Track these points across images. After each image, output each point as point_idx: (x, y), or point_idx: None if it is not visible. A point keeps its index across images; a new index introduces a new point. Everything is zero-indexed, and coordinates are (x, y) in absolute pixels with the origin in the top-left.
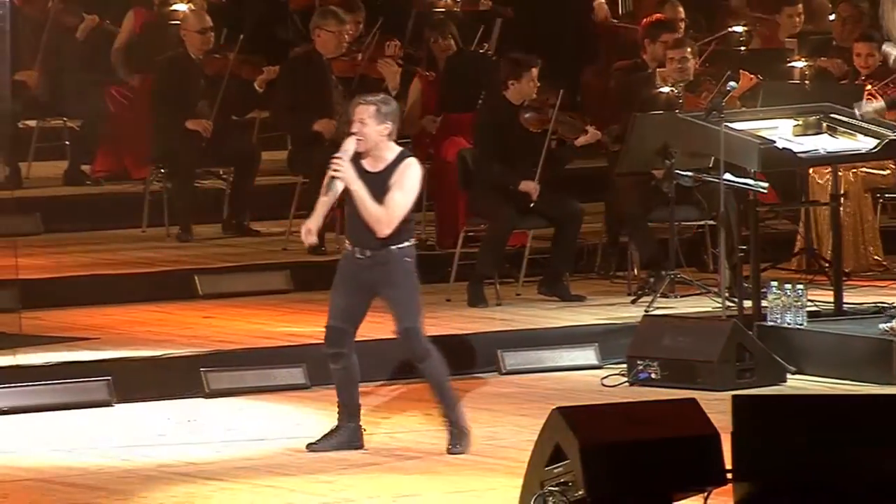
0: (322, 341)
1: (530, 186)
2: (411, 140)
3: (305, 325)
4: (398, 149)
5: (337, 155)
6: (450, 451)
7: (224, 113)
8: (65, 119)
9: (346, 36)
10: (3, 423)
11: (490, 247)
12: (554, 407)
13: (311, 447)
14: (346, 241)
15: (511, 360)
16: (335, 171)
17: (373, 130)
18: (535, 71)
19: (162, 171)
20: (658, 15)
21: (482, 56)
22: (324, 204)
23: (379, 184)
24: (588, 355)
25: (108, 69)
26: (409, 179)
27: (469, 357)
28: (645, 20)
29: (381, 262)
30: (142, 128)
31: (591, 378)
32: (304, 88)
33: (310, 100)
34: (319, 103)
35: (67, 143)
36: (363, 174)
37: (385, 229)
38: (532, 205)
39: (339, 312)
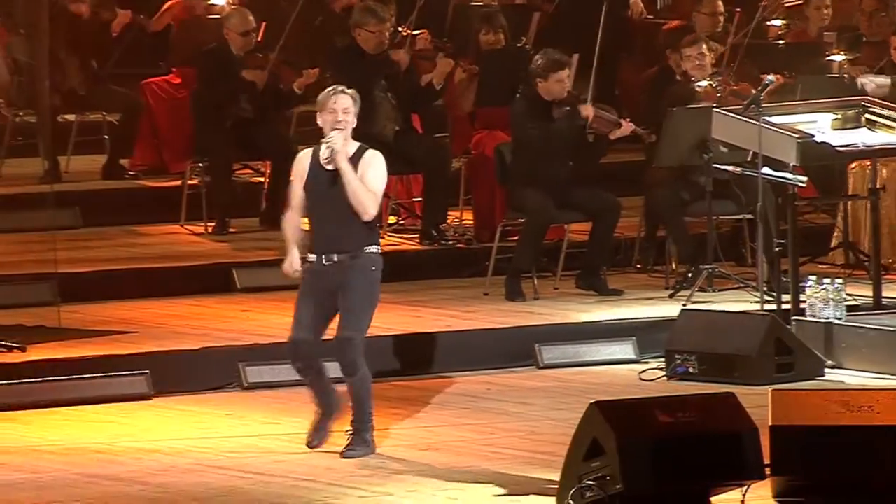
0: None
1: (588, 109)
2: (450, 134)
3: None
4: (356, 143)
5: (329, 135)
6: (344, 454)
7: (262, 108)
8: (103, 113)
9: (387, 34)
10: (42, 416)
11: (528, 241)
12: (591, 401)
13: (311, 445)
14: (311, 254)
15: (548, 355)
16: (333, 144)
17: (353, 120)
18: (563, 73)
19: (200, 165)
20: (676, 22)
21: (519, 50)
22: (294, 241)
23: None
24: (626, 349)
25: (144, 63)
26: (378, 167)
27: (506, 351)
28: (664, 27)
29: (347, 267)
30: (180, 122)
31: (628, 372)
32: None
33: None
34: (364, 100)
35: (106, 137)
36: (324, 171)
37: (372, 209)
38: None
39: (305, 326)
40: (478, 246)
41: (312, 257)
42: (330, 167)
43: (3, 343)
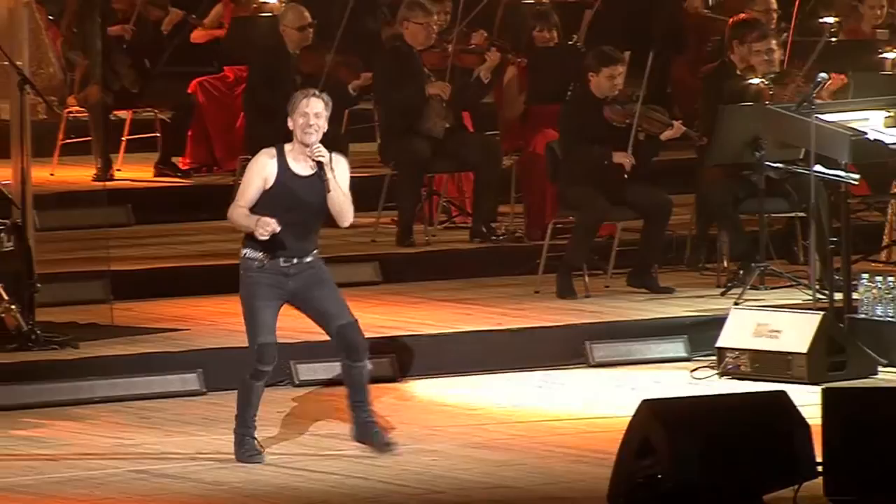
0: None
1: (624, 158)
2: (500, 132)
3: (394, 317)
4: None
5: (316, 146)
6: (387, 443)
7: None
8: (155, 111)
9: (435, 27)
10: (95, 413)
11: (579, 238)
12: (642, 399)
13: (244, 460)
14: (255, 252)
15: (599, 353)
16: (321, 154)
17: (324, 125)
18: (614, 68)
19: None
20: (743, 14)
21: (570, 48)
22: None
23: (317, 185)
24: (677, 347)
25: (197, 61)
26: (347, 172)
27: (557, 349)
28: (731, 20)
29: (308, 267)
30: (231, 120)
31: (680, 370)
32: (398, 81)
33: (403, 92)
34: (413, 95)
35: (158, 135)
36: (295, 177)
37: (351, 217)
38: (626, 175)
39: (268, 327)
40: (529, 244)
41: (261, 256)
42: (305, 174)
43: (56, 340)
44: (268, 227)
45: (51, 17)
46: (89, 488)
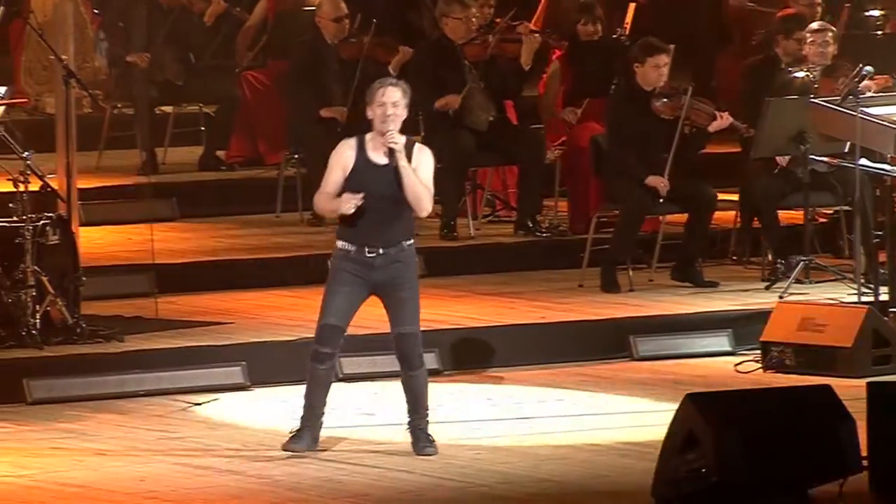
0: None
1: (658, 182)
2: (544, 125)
3: (438, 311)
4: (403, 137)
5: (390, 132)
6: (423, 451)
7: (358, 96)
8: (200, 105)
9: (474, 20)
10: (140, 406)
11: (623, 231)
12: (687, 393)
13: (285, 447)
14: (344, 243)
15: (644, 347)
16: (393, 141)
17: (403, 113)
18: (659, 58)
19: (296, 156)
20: (791, 9)
21: (615, 41)
22: (342, 210)
23: (394, 173)
24: (721, 341)
25: (239, 55)
26: (429, 163)
27: (601, 343)
28: (779, 13)
29: (394, 260)
30: (276, 113)
31: (724, 364)
32: (438, 75)
33: (444, 86)
34: (454, 89)
35: (203, 128)
36: (372, 166)
37: (429, 207)
38: (661, 200)
39: (338, 312)
40: (573, 237)
41: (348, 246)
42: (382, 163)
43: (101, 334)
44: (350, 201)
45: (96, 11)
46: (134, 481)
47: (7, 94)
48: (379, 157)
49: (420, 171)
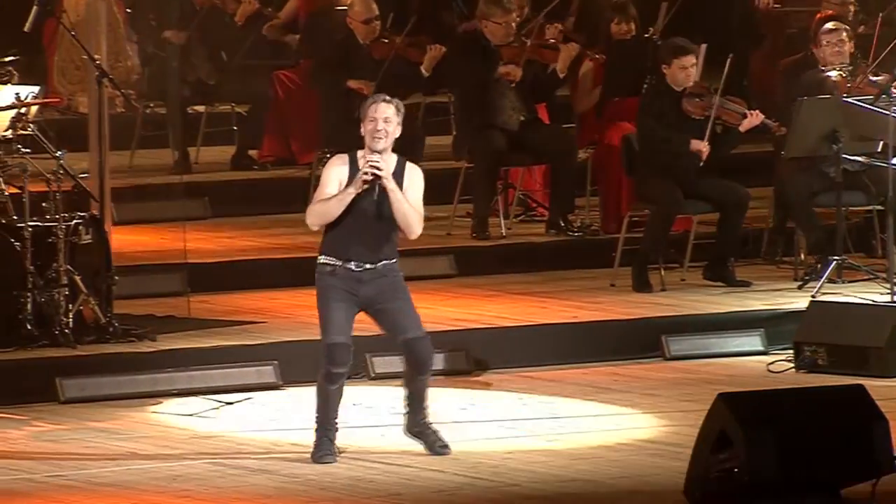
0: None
1: (700, 145)
2: (576, 125)
3: (469, 310)
4: (395, 156)
5: (372, 157)
6: (442, 450)
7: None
8: (233, 104)
9: (514, 25)
10: (172, 405)
11: (655, 231)
12: (719, 393)
13: (326, 461)
14: (329, 258)
15: (676, 346)
16: (375, 168)
17: (395, 131)
18: (686, 59)
19: (328, 155)
20: (829, 11)
21: (647, 40)
22: (349, 195)
23: (386, 197)
24: (754, 341)
25: (273, 54)
26: (420, 184)
27: (633, 343)
28: (818, 15)
29: (380, 275)
30: (308, 113)
31: (756, 364)
32: (472, 73)
33: (476, 86)
34: (487, 89)
35: (235, 128)
36: (370, 186)
37: (418, 230)
38: (701, 163)
39: (341, 328)
40: (604, 237)
41: (333, 261)
42: (368, 191)
43: (134, 333)
44: (358, 181)
45: (128, 10)
46: (166, 481)
47: (40, 94)
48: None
49: (410, 193)
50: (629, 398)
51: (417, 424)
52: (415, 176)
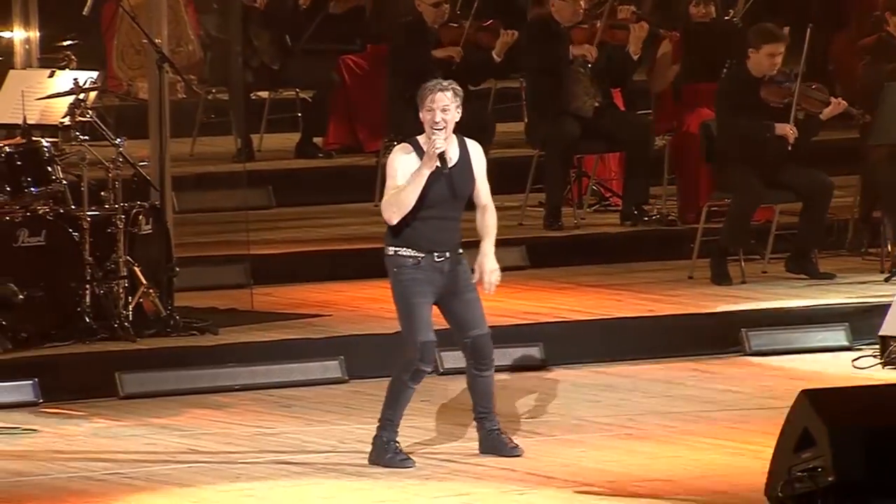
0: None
1: (786, 129)
2: (653, 111)
3: (541, 303)
4: (454, 137)
5: (437, 136)
6: (514, 452)
7: (459, 82)
8: (297, 90)
9: (582, 2)
10: (235, 400)
11: (735, 221)
12: (802, 390)
13: (391, 464)
14: (410, 250)
15: (756, 341)
16: (437, 147)
17: (454, 118)
18: (775, 46)
19: (396, 143)
20: None
21: (727, 24)
22: (423, 176)
23: (455, 175)
24: (838, 336)
25: (340, 39)
26: (484, 160)
27: (712, 337)
28: None
29: (455, 264)
30: (375, 99)
31: (841, 359)
32: (543, 57)
33: (549, 71)
34: (560, 75)
35: (299, 114)
36: (436, 171)
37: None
38: (790, 147)
39: (429, 325)
40: (682, 227)
41: (417, 254)
42: (441, 165)
43: (195, 326)
44: (433, 158)
45: None
46: (230, 478)
47: (99, 80)
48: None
49: (479, 168)
50: (708, 395)
51: (487, 433)
52: (480, 152)
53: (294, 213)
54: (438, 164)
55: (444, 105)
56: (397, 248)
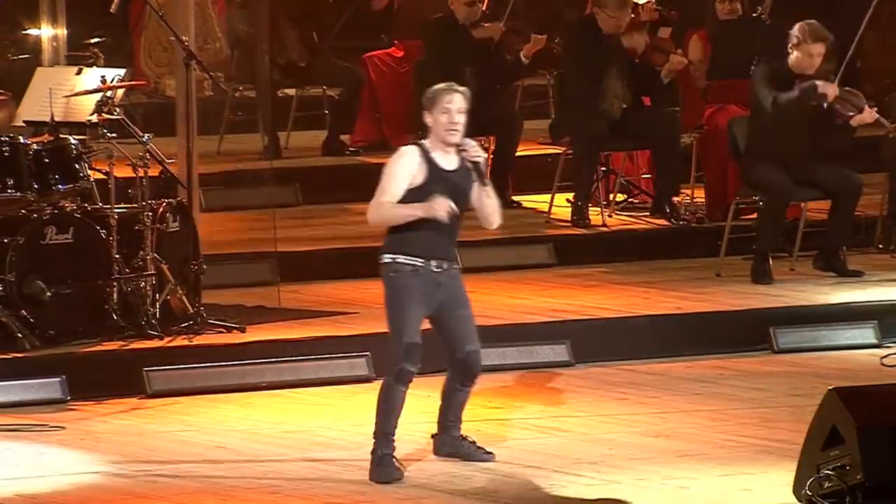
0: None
1: (829, 87)
2: (681, 108)
3: (569, 301)
4: (469, 141)
5: (474, 148)
6: (486, 456)
7: (488, 81)
8: (324, 87)
9: (626, 20)
10: (262, 398)
11: (769, 220)
12: (830, 388)
13: (379, 479)
14: (410, 258)
15: (784, 339)
16: (477, 155)
17: (464, 121)
18: (818, 46)
19: (422, 140)
20: None
21: (755, 20)
22: (417, 217)
23: (463, 182)
24: (866, 334)
25: (366, 36)
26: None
27: (740, 335)
28: None
29: (452, 277)
30: (402, 96)
31: (869, 358)
32: (586, 59)
33: (587, 70)
34: (595, 79)
35: (326, 112)
36: (445, 174)
37: (499, 220)
38: (825, 105)
39: (418, 330)
40: (710, 224)
41: (417, 262)
42: (451, 169)
43: (223, 324)
44: (444, 205)
45: None
46: (256, 476)
47: (126, 77)
48: (447, 163)
49: (485, 181)
50: (736, 392)
51: (450, 442)
52: (483, 159)
53: (321, 210)
54: (445, 220)
55: (461, 108)
56: (395, 255)
